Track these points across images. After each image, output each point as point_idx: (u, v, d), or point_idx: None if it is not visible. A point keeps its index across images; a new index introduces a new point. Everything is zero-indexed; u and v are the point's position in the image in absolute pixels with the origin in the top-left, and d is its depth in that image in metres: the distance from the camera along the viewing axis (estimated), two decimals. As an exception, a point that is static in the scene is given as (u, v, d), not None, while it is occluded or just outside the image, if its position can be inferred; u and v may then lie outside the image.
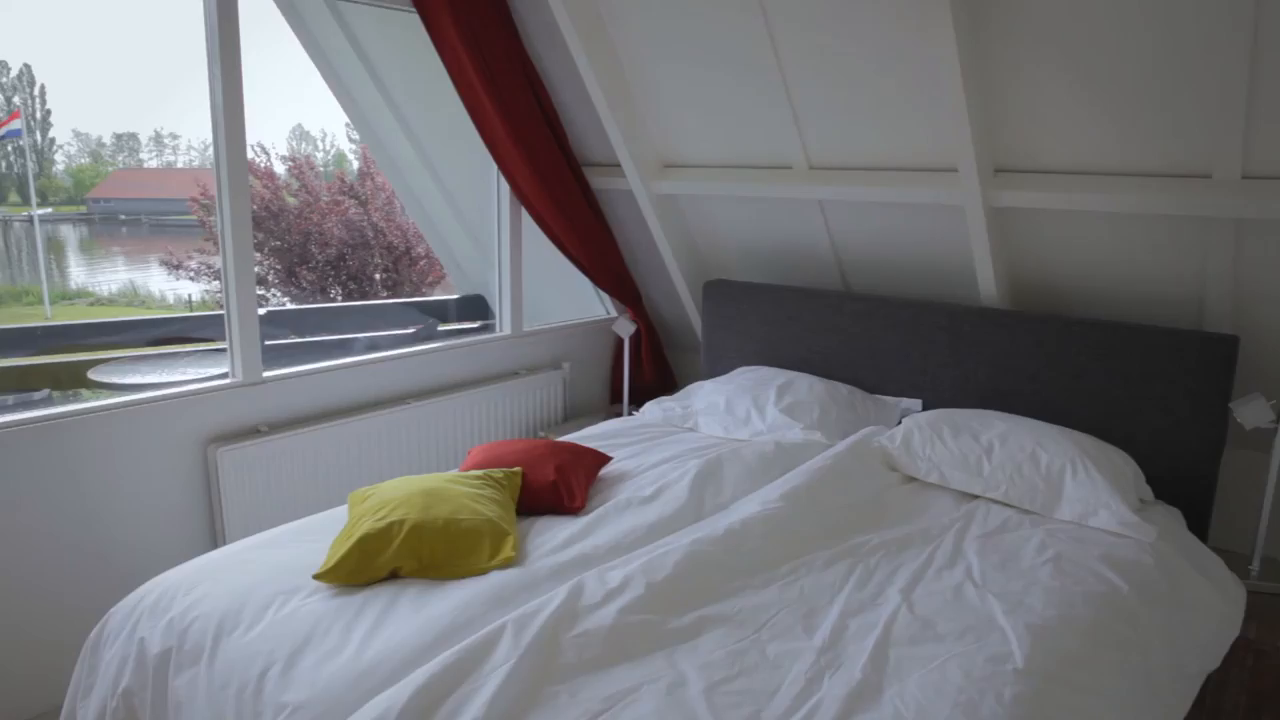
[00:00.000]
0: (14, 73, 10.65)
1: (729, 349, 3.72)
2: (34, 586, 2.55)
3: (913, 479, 2.68)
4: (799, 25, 2.83)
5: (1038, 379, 2.87)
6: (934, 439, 2.68)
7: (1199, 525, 2.58)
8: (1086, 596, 1.95)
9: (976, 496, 2.54)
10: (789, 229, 3.56)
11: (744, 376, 3.40)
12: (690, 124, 3.45)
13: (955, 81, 2.52)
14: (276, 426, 3.04)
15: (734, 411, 3.15)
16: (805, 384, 3.23)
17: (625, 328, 3.97)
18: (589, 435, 3.07)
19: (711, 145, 3.48)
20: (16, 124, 10.57)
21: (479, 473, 2.33)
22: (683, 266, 3.94)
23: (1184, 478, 2.62)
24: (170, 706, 1.78)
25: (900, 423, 2.89)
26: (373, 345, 5.47)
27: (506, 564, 2.02)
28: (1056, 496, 2.41)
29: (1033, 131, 2.64)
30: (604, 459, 2.64)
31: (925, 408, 3.15)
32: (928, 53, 2.58)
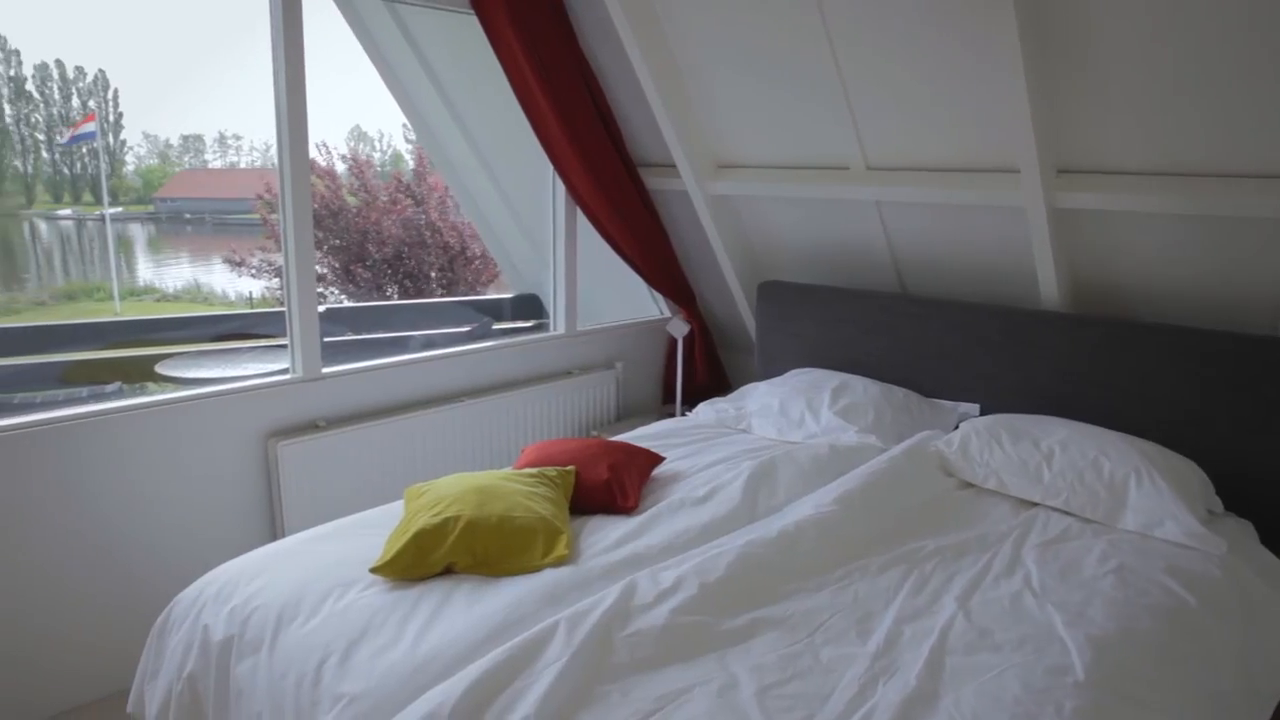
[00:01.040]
0: (90, 77, 11.01)
1: (783, 350, 3.70)
2: (102, 572, 2.64)
3: (969, 485, 2.63)
4: (857, 24, 2.80)
5: (1101, 385, 2.80)
6: (992, 444, 2.63)
7: (1273, 539, 2.49)
8: (1151, 609, 1.89)
9: (1035, 504, 2.49)
10: (845, 230, 3.52)
11: (798, 378, 3.38)
12: (745, 124, 3.43)
13: (1018, 80, 2.47)
14: (334, 422, 3.10)
15: (788, 413, 3.13)
16: (860, 387, 3.19)
17: (679, 328, 3.97)
18: (642, 435, 3.08)
19: (767, 145, 3.46)
20: (91, 127, 10.95)
21: (533, 471, 2.34)
22: (737, 267, 3.93)
23: (1257, 489, 2.53)
24: (232, 694, 1.82)
25: (957, 427, 2.84)
26: (428, 343, 5.54)
27: (559, 562, 2.03)
28: (1120, 505, 2.35)
29: (1099, 130, 2.58)
30: (657, 459, 2.64)
31: (983, 412, 3.09)
32: (990, 51, 2.53)
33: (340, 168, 9.24)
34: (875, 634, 1.80)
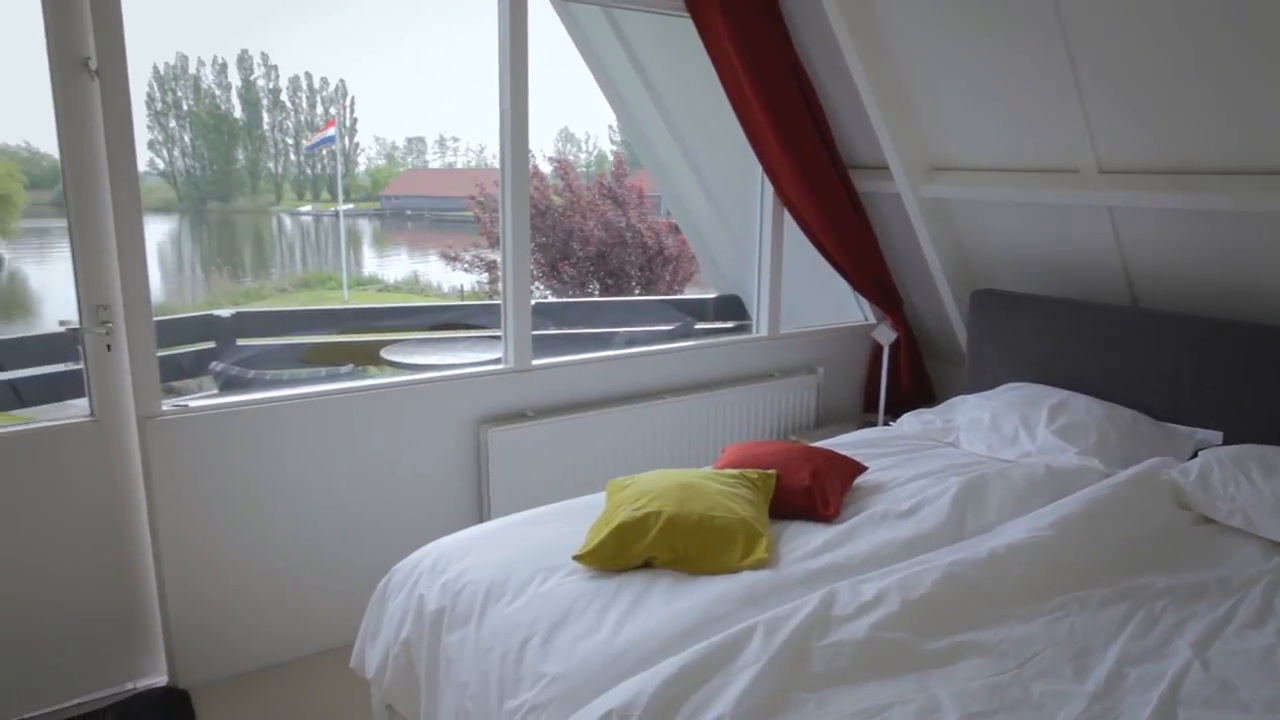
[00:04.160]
0: (332, 87, 12.12)
1: (996, 363, 3.51)
2: (333, 535, 2.88)
3: (1209, 520, 2.38)
4: (1094, 9, 2.60)
5: (1377, 418, 2.47)
6: (1239, 477, 2.38)
7: None
8: None
9: (1291, 548, 2.23)
10: (1070, 237, 3.29)
11: (1012, 393, 3.19)
12: (964, 124, 3.28)
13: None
14: (541, 412, 3.23)
15: (1000, 429, 2.96)
16: (1082, 405, 2.97)
17: (886, 335, 3.85)
18: (843, 443, 3.00)
19: (986, 146, 3.29)
20: (331, 131, 12.06)
21: (734, 472, 2.34)
22: (949, 274, 3.76)
23: None
24: (442, 661, 1.94)
25: (1195, 456, 2.59)
26: (631, 340, 5.67)
27: (759, 565, 2.02)
28: (1399, 557, 2.06)
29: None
30: (859, 468, 2.57)
31: (1226, 442, 2.80)
32: (1260, 27, 2.28)
33: (546, 169, 9.64)
34: (1094, 673, 1.67)
